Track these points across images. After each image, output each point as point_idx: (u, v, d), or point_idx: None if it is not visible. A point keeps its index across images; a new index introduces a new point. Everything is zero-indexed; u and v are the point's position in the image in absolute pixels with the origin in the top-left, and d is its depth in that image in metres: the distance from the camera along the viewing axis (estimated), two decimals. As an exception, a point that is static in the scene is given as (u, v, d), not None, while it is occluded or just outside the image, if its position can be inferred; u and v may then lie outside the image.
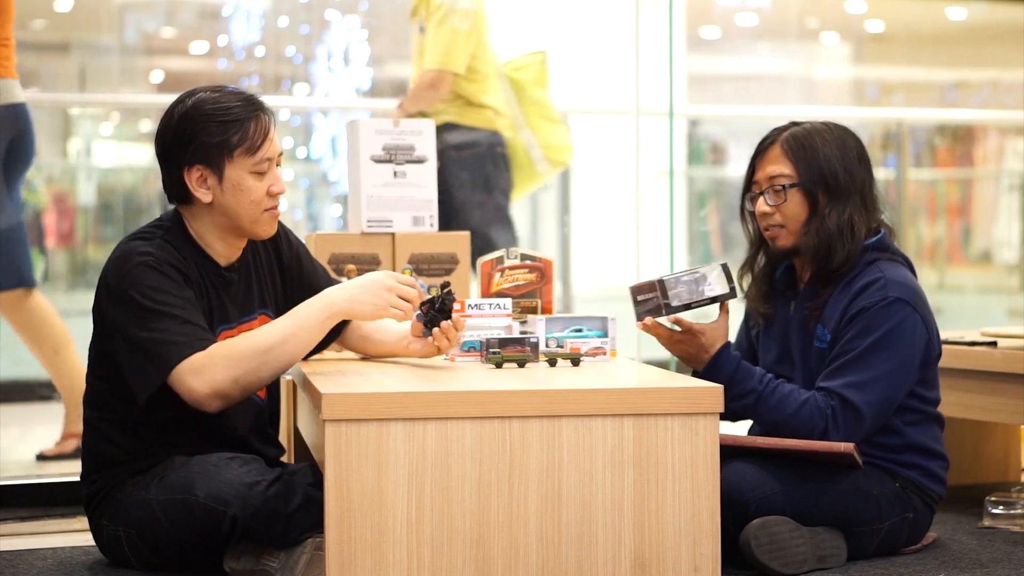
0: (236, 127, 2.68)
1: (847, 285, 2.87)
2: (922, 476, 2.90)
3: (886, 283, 2.84)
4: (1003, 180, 10.00)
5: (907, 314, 2.82)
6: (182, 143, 2.69)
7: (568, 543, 2.28)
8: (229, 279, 2.78)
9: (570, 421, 2.29)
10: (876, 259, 2.89)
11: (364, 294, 2.64)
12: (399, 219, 3.36)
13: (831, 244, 2.87)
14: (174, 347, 2.56)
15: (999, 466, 3.82)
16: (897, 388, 2.83)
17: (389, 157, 3.37)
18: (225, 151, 2.68)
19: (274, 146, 2.74)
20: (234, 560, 2.65)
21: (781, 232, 2.93)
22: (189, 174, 2.70)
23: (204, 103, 2.70)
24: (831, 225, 2.87)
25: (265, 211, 2.73)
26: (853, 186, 2.89)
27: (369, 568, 2.23)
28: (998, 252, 9.94)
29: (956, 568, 2.82)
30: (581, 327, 2.87)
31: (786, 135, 2.94)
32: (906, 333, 2.82)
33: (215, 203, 2.71)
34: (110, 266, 2.68)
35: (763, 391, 2.84)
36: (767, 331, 3.03)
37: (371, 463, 2.24)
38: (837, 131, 2.95)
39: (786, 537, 2.73)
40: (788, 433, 2.81)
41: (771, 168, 2.93)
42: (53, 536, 3.21)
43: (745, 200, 2.99)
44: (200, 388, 2.54)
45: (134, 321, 2.60)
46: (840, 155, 2.90)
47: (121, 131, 9.69)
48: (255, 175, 2.71)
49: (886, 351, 2.80)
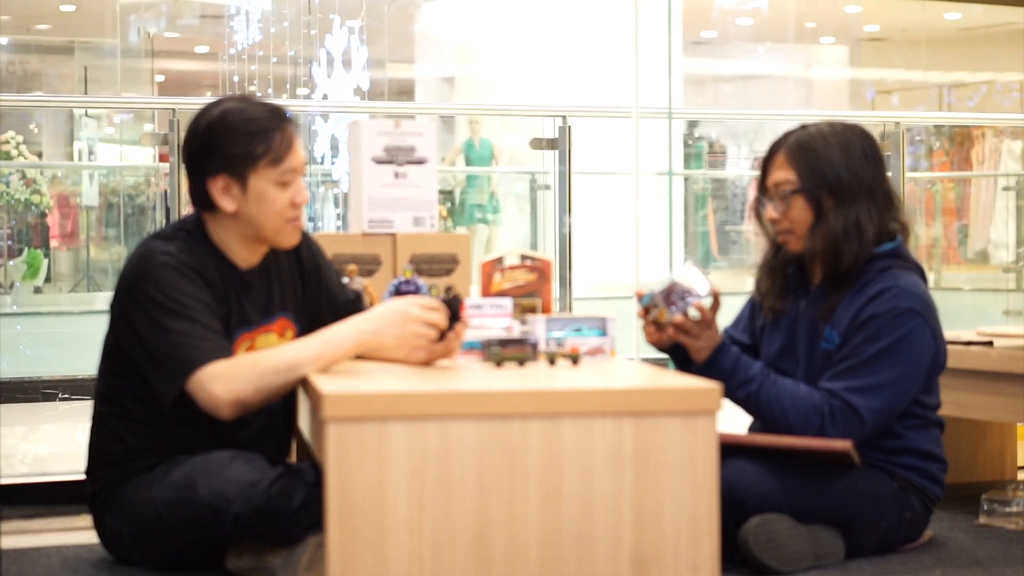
0: (261, 138, 2.70)
1: (860, 290, 2.88)
2: (920, 477, 2.91)
3: (899, 292, 2.84)
4: (999, 181, 10.02)
5: (917, 324, 2.83)
6: (207, 152, 2.71)
7: (568, 541, 2.29)
8: (250, 283, 2.80)
9: (570, 420, 2.30)
10: (890, 266, 2.89)
11: (390, 327, 2.62)
12: (400, 219, 3.38)
13: (838, 246, 2.87)
14: (195, 351, 2.58)
15: (995, 464, 3.84)
16: (900, 397, 2.83)
17: (390, 158, 3.38)
18: (249, 161, 2.70)
19: (298, 157, 2.75)
20: (236, 558, 2.66)
21: (790, 237, 2.95)
22: (214, 183, 2.71)
23: (230, 114, 2.71)
24: (837, 228, 2.87)
25: (288, 221, 2.75)
26: (859, 187, 2.89)
27: (370, 567, 2.24)
28: (994, 252, 9.95)
29: (952, 566, 2.83)
30: (581, 327, 2.88)
31: (790, 140, 2.94)
32: (915, 344, 2.82)
33: (239, 212, 2.73)
34: (131, 264, 2.70)
35: (764, 380, 2.86)
36: (774, 324, 3.04)
37: (372, 462, 2.25)
38: (843, 132, 2.94)
39: (784, 535, 2.74)
40: (784, 427, 2.82)
41: (777, 175, 2.94)
42: (57, 534, 3.22)
43: (759, 204, 3.01)
44: (223, 395, 2.55)
45: (153, 322, 2.62)
46: (843, 156, 2.90)
47: (124, 132, 9.70)
48: (279, 185, 2.72)
49: (893, 359, 2.81)
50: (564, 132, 4.95)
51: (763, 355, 3.05)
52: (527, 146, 5.05)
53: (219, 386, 2.55)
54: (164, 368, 2.61)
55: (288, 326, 2.85)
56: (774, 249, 3.02)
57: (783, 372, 2.95)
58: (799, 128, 2.97)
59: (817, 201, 2.90)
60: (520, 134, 9.21)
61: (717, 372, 2.85)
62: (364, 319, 2.65)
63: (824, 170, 2.89)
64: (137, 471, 2.73)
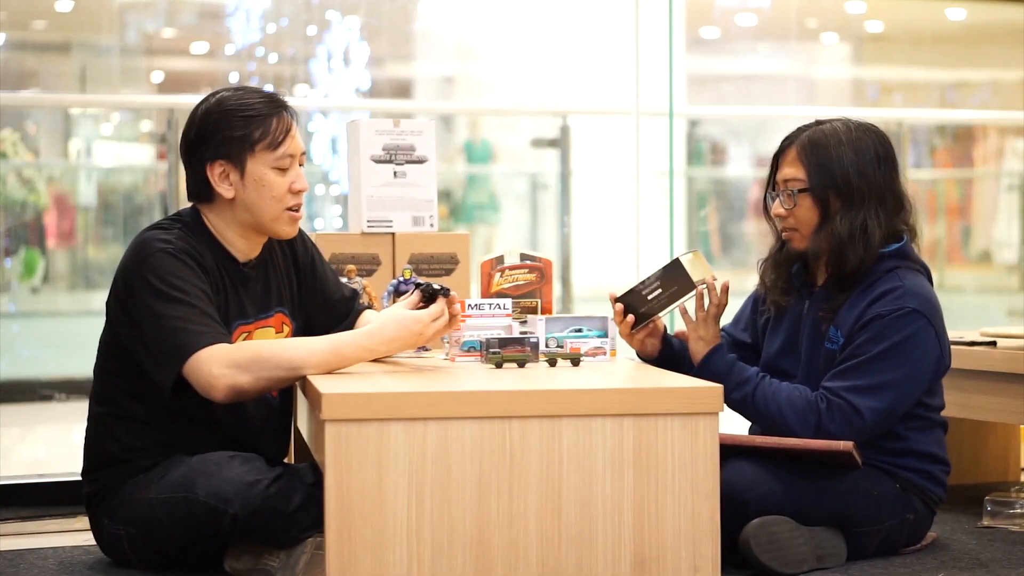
0: (258, 122, 2.71)
1: (865, 291, 2.86)
2: (923, 479, 2.89)
3: (904, 293, 2.82)
4: (1003, 180, 10.01)
5: (921, 326, 2.81)
6: (205, 139, 2.72)
7: (568, 543, 2.29)
8: (247, 275, 2.79)
9: (570, 421, 2.29)
10: (896, 267, 2.87)
11: (406, 348, 2.65)
12: (399, 219, 3.37)
13: (842, 249, 2.85)
14: (192, 335, 2.57)
15: (999, 466, 3.83)
16: (902, 398, 2.82)
17: (389, 157, 3.37)
18: (247, 146, 2.71)
19: (296, 143, 2.76)
20: (234, 559, 2.65)
21: (795, 235, 2.93)
22: (212, 169, 2.72)
23: (227, 100, 2.74)
24: (842, 231, 2.85)
25: (287, 210, 2.75)
26: (869, 190, 2.87)
27: (369, 568, 2.24)
28: (998, 252, 9.94)
29: (956, 568, 2.82)
30: (581, 327, 2.87)
31: (803, 137, 2.92)
32: (919, 345, 2.81)
33: (237, 199, 2.73)
34: (128, 253, 2.69)
35: (760, 382, 2.85)
36: (776, 320, 3.02)
37: (371, 463, 2.24)
38: (857, 132, 2.91)
39: (786, 537, 2.73)
40: (781, 428, 2.81)
41: (787, 171, 2.92)
42: (54, 536, 3.22)
43: (767, 198, 2.99)
44: (220, 378, 2.53)
45: (151, 308, 2.61)
46: (855, 158, 2.87)
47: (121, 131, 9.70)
48: (277, 171, 2.73)
49: (895, 360, 2.79)
50: (565, 132, 4.95)
51: (764, 353, 3.03)
52: (527, 146, 5.04)
53: (216, 368, 2.54)
54: (161, 353, 2.60)
55: (285, 321, 2.85)
56: (780, 244, 3.01)
57: (784, 371, 2.94)
58: (814, 123, 2.95)
59: (824, 202, 2.88)
60: (520, 134, 9.21)
61: (712, 374, 2.84)
62: (378, 340, 2.61)
63: (834, 171, 2.87)
64: (134, 472, 2.72)
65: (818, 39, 11.49)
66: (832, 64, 11.81)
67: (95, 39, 9.37)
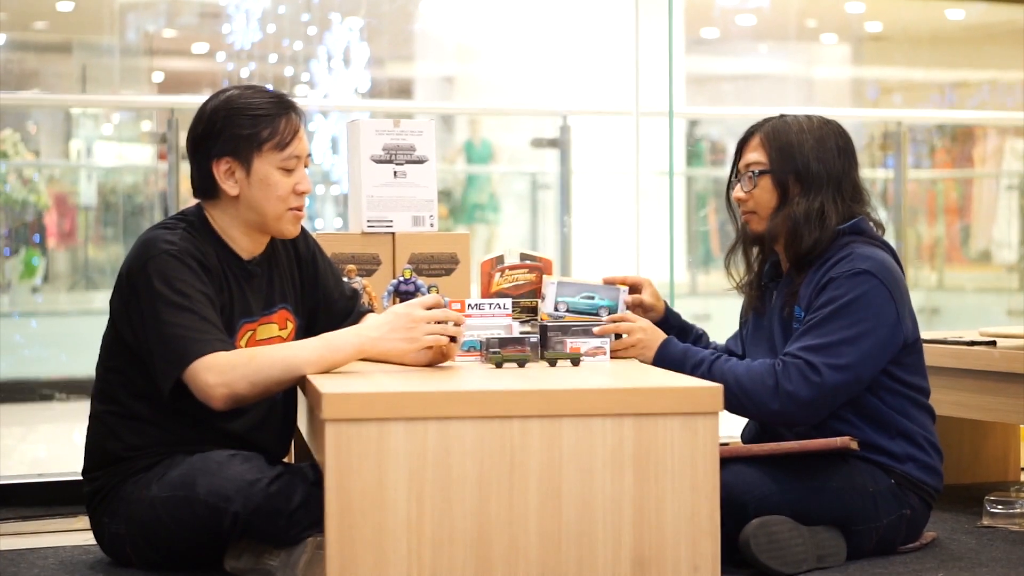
0: (266, 122, 2.73)
1: (821, 265, 2.90)
2: (917, 469, 2.89)
3: (854, 257, 2.86)
4: (1002, 180, 10.00)
5: (873, 286, 2.83)
6: (212, 135, 2.73)
7: (568, 542, 2.29)
8: (252, 272, 2.80)
9: (570, 421, 2.30)
10: (851, 242, 2.91)
11: (395, 332, 2.61)
12: (399, 219, 3.37)
13: (798, 229, 2.90)
14: (192, 342, 2.58)
15: (998, 465, 3.83)
16: (861, 360, 2.81)
17: (389, 157, 3.37)
18: (254, 144, 2.72)
19: (303, 145, 2.78)
20: (235, 559, 2.66)
21: (753, 217, 2.99)
22: (217, 166, 2.74)
23: (236, 98, 2.75)
24: (799, 212, 2.90)
25: (290, 210, 2.76)
26: (828, 176, 2.93)
27: (369, 567, 2.24)
28: (997, 252, 9.94)
29: (955, 567, 2.82)
30: (593, 294, 2.90)
31: (767, 125, 3.00)
32: (872, 304, 2.82)
33: (241, 197, 2.74)
34: (133, 253, 2.71)
35: (715, 359, 2.89)
36: (755, 327, 3.05)
37: (372, 463, 2.24)
38: (820, 124, 2.99)
39: (785, 536, 2.73)
40: (741, 396, 2.81)
41: (749, 156, 3.00)
42: (54, 535, 3.22)
43: (729, 186, 3.04)
44: (216, 386, 2.55)
45: (154, 312, 2.62)
46: (816, 146, 2.94)
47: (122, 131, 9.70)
48: (282, 171, 2.74)
49: (849, 318, 2.81)
50: (565, 131, 4.94)
51: (749, 357, 3.05)
52: (527, 146, 5.04)
53: (213, 377, 2.55)
54: (162, 358, 2.61)
55: (289, 318, 2.85)
56: (739, 236, 3.05)
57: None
58: (778, 116, 3.02)
59: (784, 185, 2.94)
60: (520, 134, 9.20)
61: (669, 362, 2.89)
62: (368, 325, 2.66)
63: (795, 156, 2.93)
64: (135, 471, 2.72)
65: (818, 39, 11.50)
66: (832, 64, 11.82)
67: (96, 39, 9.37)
